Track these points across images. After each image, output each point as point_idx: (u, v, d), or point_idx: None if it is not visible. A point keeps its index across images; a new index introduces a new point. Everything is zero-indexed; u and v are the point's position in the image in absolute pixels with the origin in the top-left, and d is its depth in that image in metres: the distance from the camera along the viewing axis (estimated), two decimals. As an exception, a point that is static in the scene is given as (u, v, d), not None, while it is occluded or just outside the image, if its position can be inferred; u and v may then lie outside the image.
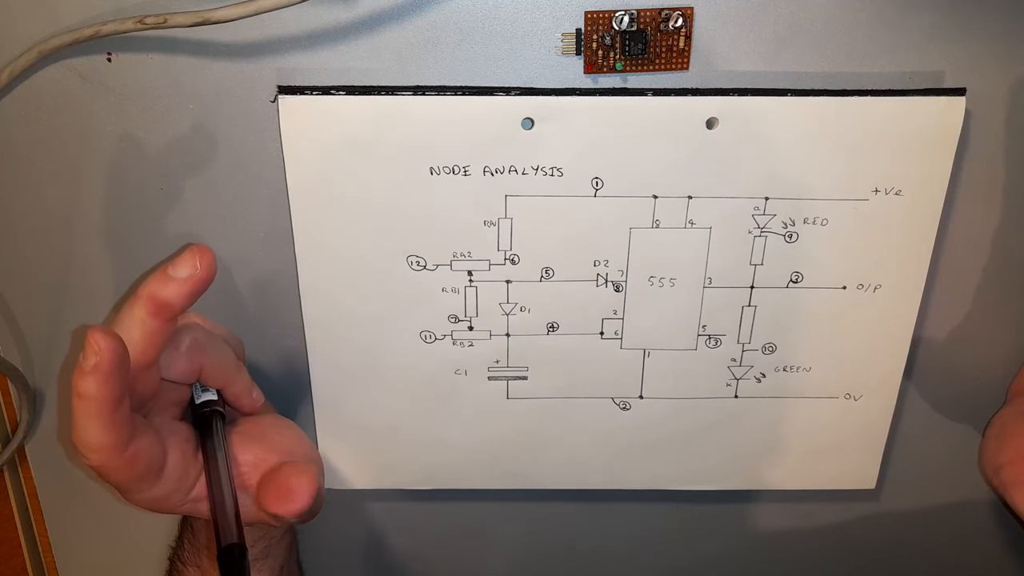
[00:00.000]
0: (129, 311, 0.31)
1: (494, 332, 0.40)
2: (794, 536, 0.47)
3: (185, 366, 0.34)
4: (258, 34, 0.35)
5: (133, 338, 0.31)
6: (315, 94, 0.35)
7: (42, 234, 0.39)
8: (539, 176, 0.36)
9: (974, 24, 0.35)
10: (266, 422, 0.38)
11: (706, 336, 0.40)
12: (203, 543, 0.39)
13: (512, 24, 0.35)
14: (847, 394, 0.41)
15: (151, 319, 0.31)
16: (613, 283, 0.39)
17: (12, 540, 0.46)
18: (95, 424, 0.30)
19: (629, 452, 0.43)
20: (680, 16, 0.34)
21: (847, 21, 0.35)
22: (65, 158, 0.37)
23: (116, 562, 0.47)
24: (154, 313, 0.31)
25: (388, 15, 0.34)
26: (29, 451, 0.44)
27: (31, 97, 0.36)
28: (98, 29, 0.33)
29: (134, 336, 0.31)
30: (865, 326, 0.40)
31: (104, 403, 0.29)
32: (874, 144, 0.36)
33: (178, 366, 0.34)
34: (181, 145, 0.37)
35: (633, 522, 0.47)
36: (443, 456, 0.43)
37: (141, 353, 0.31)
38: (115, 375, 0.29)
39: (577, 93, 0.35)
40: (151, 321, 0.31)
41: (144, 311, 0.31)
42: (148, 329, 0.31)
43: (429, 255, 0.38)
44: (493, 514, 0.46)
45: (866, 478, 0.44)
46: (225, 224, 0.38)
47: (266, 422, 0.38)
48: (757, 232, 0.38)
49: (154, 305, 0.31)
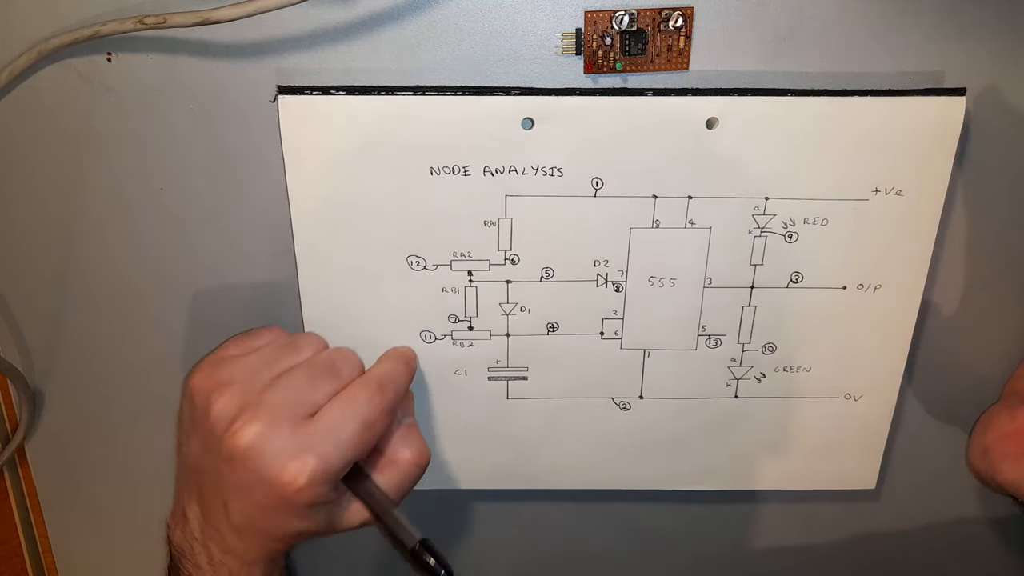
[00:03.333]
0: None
1: (494, 332, 0.40)
2: (794, 536, 0.47)
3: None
4: (258, 34, 0.35)
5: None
6: (315, 94, 0.35)
7: (42, 234, 0.39)
8: (539, 176, 0.36)
9: (974, 24, 0.35)
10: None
11: (706, 336, 0.40)
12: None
13: (512, 24, 0.35)
14: (847, 394, 0.41)
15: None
16: (613, 283, 0.39)
17: (12, 540, 0.46)
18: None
19: (629, 452, 0.43)
20: (680, 16, 0.34)
21: (847, 21, 0.35)
22: (65, 158, 0.37)
23: (116, 562, 0.47)
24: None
25: (388, 15, 0.34)
26: (29, 451, 0.44)
27: (31, 97, 0.36)
28: (98, 29, 0.33)
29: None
30: (865, 326, 0.40)
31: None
32: (874, 144, 0.36)
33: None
34: (181, 145, 0.37)
35: (633, 522, 0.47)
36: (443, 456, 0.43)
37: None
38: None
39: (577, 93, 0.35)
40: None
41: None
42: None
43: (429, 255, 0.38)
44: (493, 514, 0.46)
45: (866, 478, 0.44)
46: (225, 224, 0.38)
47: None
48: (757, 232, 0.38)
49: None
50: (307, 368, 0.34)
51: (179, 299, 0.40)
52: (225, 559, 0.35)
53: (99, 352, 0.41)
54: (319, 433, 0.32)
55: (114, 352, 0.41)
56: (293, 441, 0.32)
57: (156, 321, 0.40)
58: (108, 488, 0.45)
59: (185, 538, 0.36)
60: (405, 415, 0.37)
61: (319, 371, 0.34)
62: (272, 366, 0.35)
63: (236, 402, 0.33)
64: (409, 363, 0.38)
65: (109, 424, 0.43)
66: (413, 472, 0.37)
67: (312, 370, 0.34)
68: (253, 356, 0.35)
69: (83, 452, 0.44)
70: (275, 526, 0.34)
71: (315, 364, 0.35)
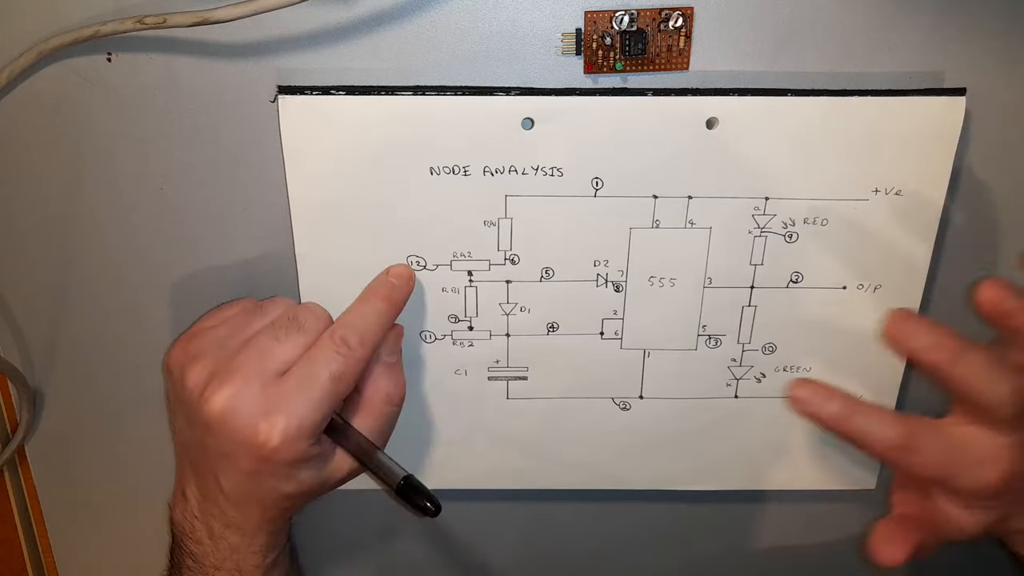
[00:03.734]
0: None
1: (494, 332, 0.40)
2: (794, 536, 0.47)
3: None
4: (258, 34, 0.35)
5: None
6: (315, 94, 0.35)
7: (42, 234, 0.39)
8: (539, 176, 0.36)
9: (974, 24, 0.35)
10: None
11: (706, 336, 0.40)
12: (209, 565, 0.37)
13: (512, 24, 0.35)
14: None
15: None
16: (613, 283, 0.39)
17: (12, 540, 0.46)
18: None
19: (629, 452, 0.43)
20: (680, 16, 0.34)
21: (847, 21, 0.35)
22: (65, 158, 0.37)
23: (116, 562, 0.47)
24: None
25: (388, 15, 0.34)
26: (29, 451, 0.44)
27: (31, 97, 0.36)
28: (98, 29, 0.33)
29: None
30: (865, 326, 0.40)
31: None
32: (874, 144, 0.36)
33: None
34: (181, 145, 0.37)
35: (633, 522, 0.47)
36: (443, 456, 0.43)
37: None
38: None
39: (577, 93, 0.35)
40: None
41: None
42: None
43: (429, 255, 0.38)
44: (493, 514, 0.46)
45: (866, 478, 0.44)
46: (225, 224, 0.38)
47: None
48: (757, 232, 0.38)
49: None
50: (272, 328, 0.35)
51: (179, 299, 0.40)
52: (226, 533, 0.36)
53: (99, 352, 0.41)
54: (288, 391, 0.33)
55: (114, 352, 0.41)
56: (263, 400, 0.32)
57: (156, 321, 0.40)
58: (108, 488, 0.45)
59: (185, 517, 0.37)
60: (391, 351, 0.37)
61: (284, 329, 0.34)
62: (241, 331, 0.35)
63: (208, 370, 0.33)
64: (391, 296, 0.36)
65: (109, 424, 0.43)
66: (388, 411, 0.37)
67: (276, 329, 0.35)
68: (222, 327, 0.36)
69: (83, 452, 0.44)
70: (266, 492, 0.34)
71: (279, 323, 0.35)
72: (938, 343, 0.32)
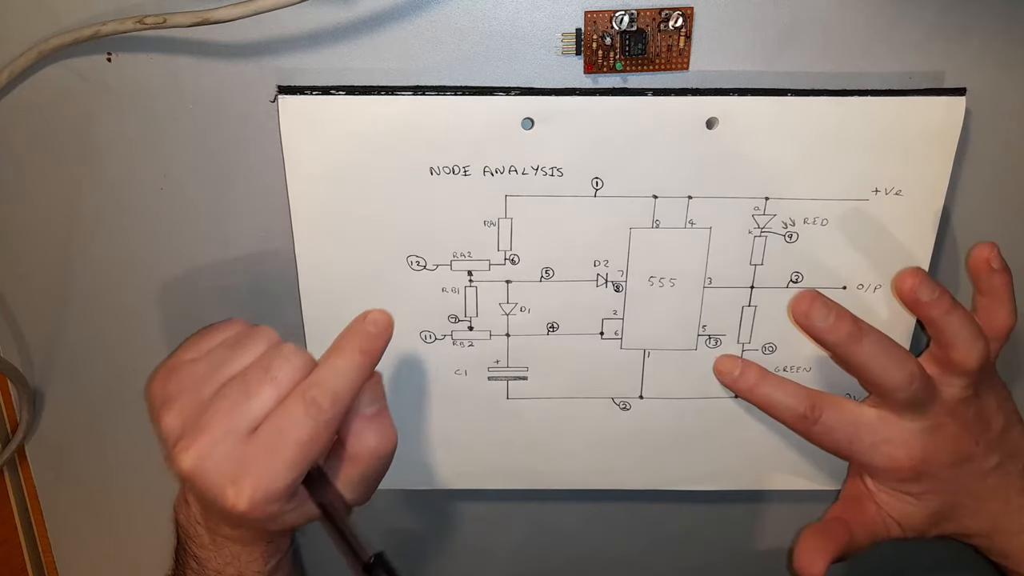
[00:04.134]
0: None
1: (494, 332, 0.40)
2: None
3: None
4: (258, 34, 0.35)
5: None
6: (315, 94, 0.35)
7: (42, 234, 0.39)
8: (539, 176, 0.36)
9: (974, 24, 0.35)
10: None
11: (706, 336, 0.40)
12: (212, 569, 0.37)
13: (512, 24, 0.35)
14: (847, 394, 0.41)
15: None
16: (613, 283, 0.39)
17: (12, 540, 0.46)
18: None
19: (629, 452, 0.43)
20: (680, 16, 0.34)
21: (847, 21, 0.35)
22: (65, 158, 0.37)
23: (116, 562, 0.47)
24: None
25: (388, 15, 0.34)
26: (29, 451, 0.44)
27: (31, 97, 0.36)
28: (98, 29, 0.33)
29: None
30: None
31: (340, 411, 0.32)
32: (874, 144, 0.36)
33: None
34: (181, 145, 0.37)
35: (633, 522, 0.47)
36: (443, 456, 0.43)
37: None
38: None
39: (577, 93, 0.35)
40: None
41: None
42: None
43: (429, 255, 0.38)
44: (493, 514, 0.46)
45: (866, 478, 0.44)
46: (225, 224, 0.38)
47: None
48: (757, 232, 0.38)
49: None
50: (243, 380, 0.32)
51: (179, 299, 0.40)
52: (226, 542, 0.36)
53: (99, 352, 0.41)
54: (256, 455, 0.31)
55: (114, 352, 0.41)
56: (230, 464, 0.31)
57: (156, 321, 0.40)
58: (108, 488, 0.45)
59: (189, 521, 0.37)
60: (370, 402, 0.34)
61: (256, 381, 0.32)
62: (217, 372, 0.33)
63: (181, 419, 0.32)
64: (369, 348, 0.33)
65: (109, 424, 0.43)
66: (376, 464, 0.35)
67: (248, 382, 0.32)
68: (200, 363, 0.34)
69: (83, 452, 0.44)
70: (253, 528, 0.34)
71: (252, 374, 0.32)
72: (836, 325, 0.35)
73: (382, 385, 0.36)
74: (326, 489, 0.33)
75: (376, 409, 0.35)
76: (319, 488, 0.33)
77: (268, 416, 0.32)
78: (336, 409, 0.32)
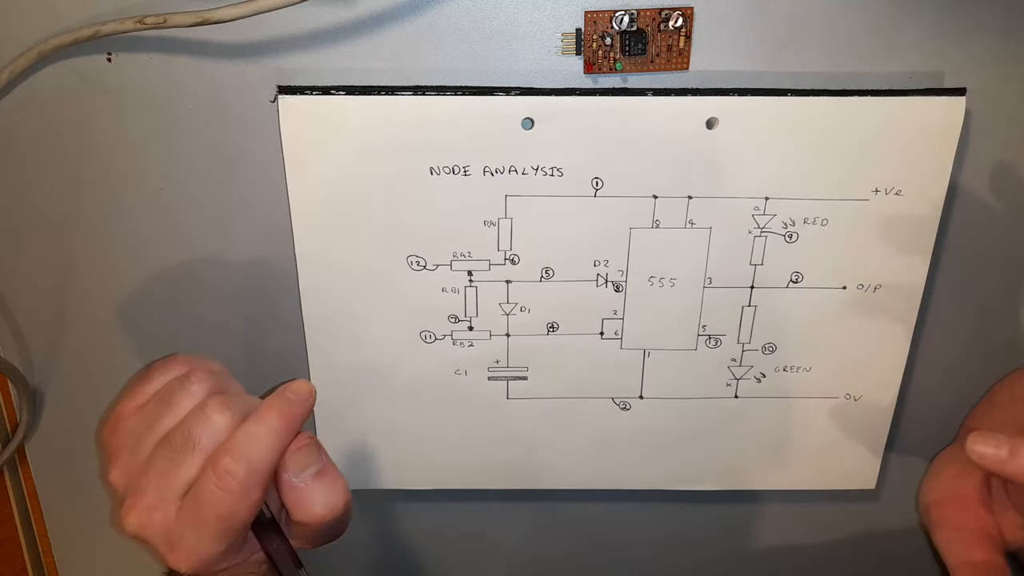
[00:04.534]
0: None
1: (494, 332, 0.40)
2: (794, 536, 0.47)
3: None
4: (258, 34, 0.35)
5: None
6: (315, 94, 0.35)
7: (42, 234, 0.39)
8: (539, 176, 0.36)
9: (974, 24, 0.35)
10: None
11: (706, 336, 0.40)
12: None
13: (512, 24, 0.35)
14: (847, 394, 0.41)
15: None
16: (613, 283, 0.39)
17: (12, 540, 0.46)
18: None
19: (629, 452, 0.43)
20: (680, 16, 0.34)
21: (847, 21, 0.35)
22: (65, 158, 0.37)
23: (116, 562, 0.47)
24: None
25: (388, 15, 0.34)
26: (29, 451, 0.44)
27: (31, 97, 0.36)
28: (98, 29, 0.33)
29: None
30: (865, 326, 0.40)
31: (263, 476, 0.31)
32: (874, 144, 0.36)
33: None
34: (181, 145, 0.37)
35: (633, 522, 0.47)
36: (443, 456, 0.43)
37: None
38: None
39: (577, 93, 0.35)
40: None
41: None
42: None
43: (429, 255, 0.38)
44: (493, 514, 0.46)
45: (866, 478, 0.44)
46: (225, 224, 0.38)
47: None
48: (757, 232, 0.38)
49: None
50: (168, 448, 0.32)
51: (179, 299, 0.40)
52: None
53: (99, 352, 0.41)
54: (183, 526, 0.31)
55: (114, 352, 0.41)
56: (165, 531, 0.31)
57: (156, 321, 0.40)
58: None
59: None
60: (301, 470, 0.32)
61: (179, 450, 0.31)
62: (151, 431, 0.33)
63: (123, 479, 0.33)
64: (287, 413, 0.31)
65: (109, 424, 0.43)
66: (329, 523, 0.33)
67: (172, 450, 0.32)
68: (136, 418, 0.33)
69: (83, 452, 0.44)
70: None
71: (174, 442, 0.32)
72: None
73: (318, 447, 0.33)
74: (272, 538, 0.33)
75: (314, 472, 0.33)
76: (266, 537, 0.33)
77: (192, 484, 0.31)
78: (255, 477, 0.30)
